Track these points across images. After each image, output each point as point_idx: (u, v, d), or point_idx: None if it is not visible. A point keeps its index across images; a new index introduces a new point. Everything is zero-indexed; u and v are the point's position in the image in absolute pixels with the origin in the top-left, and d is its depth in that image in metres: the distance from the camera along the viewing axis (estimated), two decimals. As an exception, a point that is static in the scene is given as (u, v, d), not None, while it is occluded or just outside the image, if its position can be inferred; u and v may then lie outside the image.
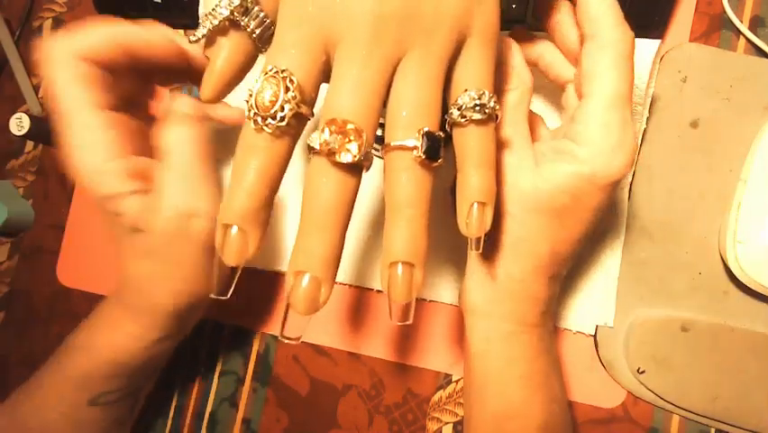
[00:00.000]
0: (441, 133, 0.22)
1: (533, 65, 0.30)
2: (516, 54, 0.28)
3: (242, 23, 0.22)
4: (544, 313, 0.30)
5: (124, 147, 0.30)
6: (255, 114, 0.20)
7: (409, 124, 0.21)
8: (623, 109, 0.26)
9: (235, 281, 0.23)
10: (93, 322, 0.35)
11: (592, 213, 0.27)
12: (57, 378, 0.34)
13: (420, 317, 0.39)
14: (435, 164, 0.22)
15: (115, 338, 0.33)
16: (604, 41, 0.26)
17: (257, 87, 0.20)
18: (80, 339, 0.35)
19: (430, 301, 0.39)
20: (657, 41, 0.34)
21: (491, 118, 0.23)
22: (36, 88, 0.49)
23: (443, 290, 0.39)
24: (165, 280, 0.32)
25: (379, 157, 0.39)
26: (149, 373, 0.37)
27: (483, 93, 0.23)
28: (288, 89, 0.20)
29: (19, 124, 0.37)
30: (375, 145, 0.22)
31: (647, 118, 0.36)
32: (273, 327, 0.42)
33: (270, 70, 0.20)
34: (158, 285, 0.32)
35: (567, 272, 0.31)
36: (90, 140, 0.29)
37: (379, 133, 0.23)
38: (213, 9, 0.22)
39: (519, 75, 0.28)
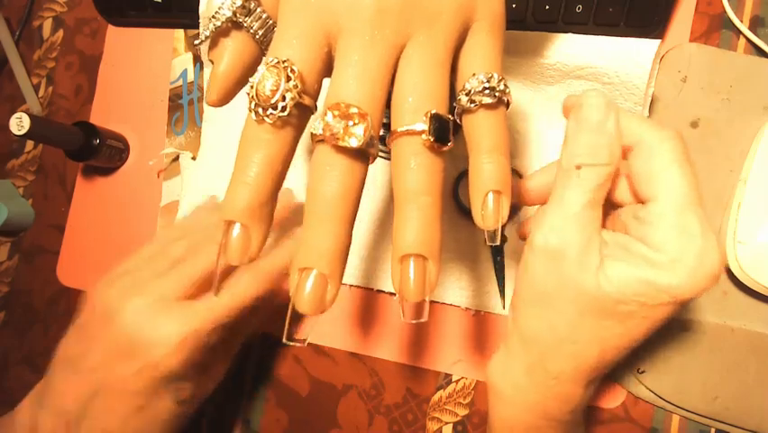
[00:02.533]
0: (449, 116, 0.21)
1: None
2: (613, 121, 0.23)
3: (245, 24, 0.22)
4: (573, 412, 0.26)
5: None
6: (256, 104, 0.20)
7: (416, 108, 0.21)
8: (697, 212, 0.22)
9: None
10: None
11: (659, 323, 0.23)
12: None
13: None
14: (445, 148, 0.21)
15: None
16: (652, 141, 0.23)
17: (258, 76, 0.20)
18: None
19: (431, 302, 0.39)
20: (657, 41, 0.34)
21: (501, 102, 0.23)
22: (36, 88, 0.49)
23: (445, 291, 0.39)
24: None
25: (385, 158, 0.39)
26: None
27: (492, 76, 0.22)
28: (289, 78, 0.20)
29: (19, 123, 0.37)
30: (381, 147, 0.22)
31: (647, 118, 0.36)
32: (275, 328, 0.42)
33: (272, 61, 0.20)
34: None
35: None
36: None
37: (381, 133, 0.23)
38: (216, 11, 0.22)
39: (611, 149, 0.23)
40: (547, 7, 0.35)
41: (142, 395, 0.30)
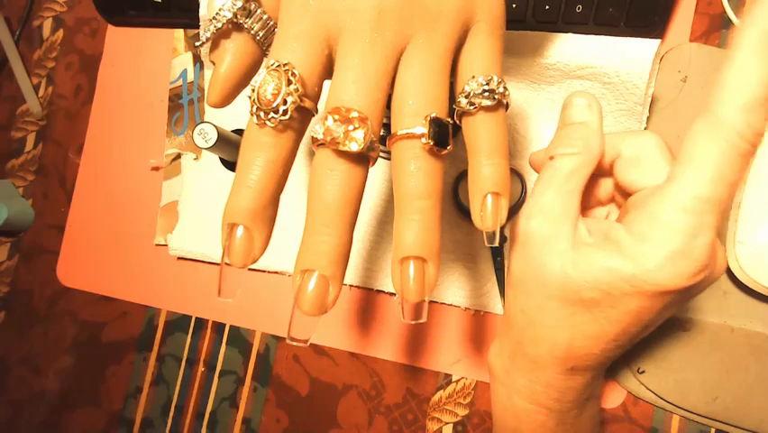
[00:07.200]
0: (449, 119, 0.21)
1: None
2: (595, 115, 0.24)
3: (246, 26, 0.23)
4: (559, 400, 0.25)
5: None
6: (258, 108, 0.20)
7: (416, 112, 0.21)
8: (703, 216, 0.19)
9: (241, 284, 0.22)
10: None
11: (633, 317, 0.22)
12: None
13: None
14: (444, 151, 0.21)
15: None
16: (714, 120, 0.21)
17: (259, 80, 0.20)
18: None
19: (431, 302, 0.39)
20: (657, 41, 0.34)
21: (501, 104, 0.23)
22: (36, 88, 0.49)
23: (444, 291, 0.39)
24: None
25: (385, 158, 0.39)
26: None
27: (491, 78, 0.22)
28: (290, 82, 0.20)
29: (205, 136, 0.32)
30: (382, 148, 0.22)
31: (647, 118, 0.36)
32: (275, 328, 0.42)
33: (272, 65, 0.20)
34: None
35: (607, 366, 0.25)
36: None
37: (382, 133, 0.23)
38: (216, 13, 0.22)
39: (587, 139, 0.24)
40: (547, 7, 0.35)
41: None
